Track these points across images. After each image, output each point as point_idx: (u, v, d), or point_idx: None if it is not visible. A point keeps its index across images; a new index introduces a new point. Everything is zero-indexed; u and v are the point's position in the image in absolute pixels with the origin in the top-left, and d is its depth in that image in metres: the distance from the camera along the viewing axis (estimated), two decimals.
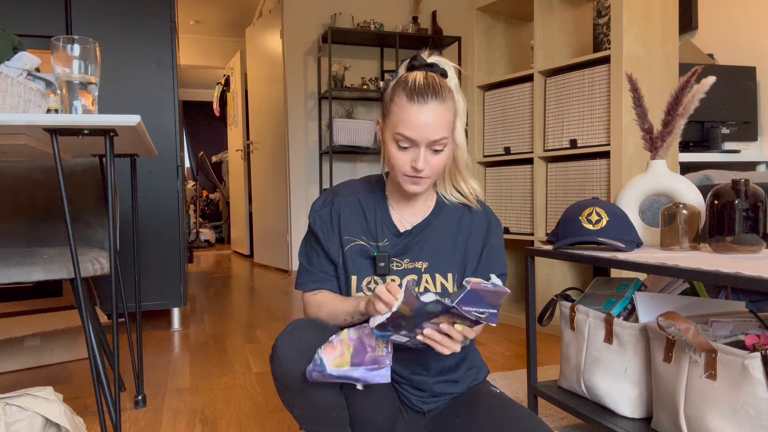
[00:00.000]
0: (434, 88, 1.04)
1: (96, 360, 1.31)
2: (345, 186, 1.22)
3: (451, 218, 1.17)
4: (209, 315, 3.13)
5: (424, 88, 1.03)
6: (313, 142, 4.66)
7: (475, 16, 2.86)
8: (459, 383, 1.19)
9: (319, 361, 0.94)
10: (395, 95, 1.06)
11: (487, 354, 2.27)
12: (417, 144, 1.04)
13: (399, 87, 1.06)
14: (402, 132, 1.04)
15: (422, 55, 1.11)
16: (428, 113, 1.02)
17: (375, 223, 1.16)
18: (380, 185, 1.21)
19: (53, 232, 1.91)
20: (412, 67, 1.09)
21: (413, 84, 1.04)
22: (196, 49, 7.39)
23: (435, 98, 1.03)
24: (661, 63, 2.27)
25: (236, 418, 1.65)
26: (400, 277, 1.12)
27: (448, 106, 1.05)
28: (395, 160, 1.06)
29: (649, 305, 1.30)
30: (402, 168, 1.06)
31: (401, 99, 1.04)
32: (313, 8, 4.56)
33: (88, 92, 1.24)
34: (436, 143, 1.04)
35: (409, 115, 1.03)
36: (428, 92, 1.03)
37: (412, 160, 1.05)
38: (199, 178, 7.92)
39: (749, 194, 1.22)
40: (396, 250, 1.14)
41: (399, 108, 1.05)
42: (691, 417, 1.08)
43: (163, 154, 2.63)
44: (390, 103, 1.07)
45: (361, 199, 1.18)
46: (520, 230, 2.70)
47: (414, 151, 1.05)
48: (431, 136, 1.03)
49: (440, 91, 1.04)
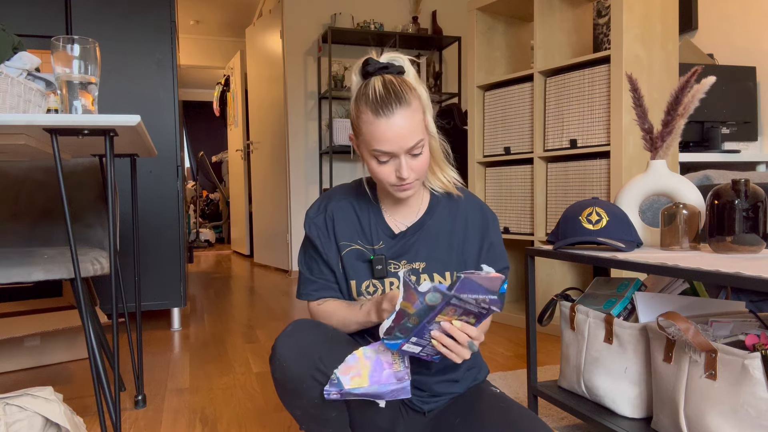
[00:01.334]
0: (396, 94, 1.00)
1: (96, 360, 1.31)
2: (338, 190, 1.21)
3: (446, 216, 1.17)
4: (209, 315, 3.13)
5: (386, 97, 0.99)
6: (313, 142, 4.66)
7: (475, 16, 2.86)
8: (459, 383, 1.19)
9: (336, 380, 0.94)
10: (360, 111, 1.03)
11: (487, 354, 2.27)
12: (396, 155, 1.02)
13: (361, 101, 1.02)
14: (378, 148, 1.01)
15: (373, 56, 1.06)
16: (398, 123, 0.99)
17: (369, 226, 1.16)
18: (372, 188, 1.20)
19: (53, 232, 1.91)
20: (366, 73, 1.05)
21: (374, 95, 1.00)
22: (196, 49, 7.39)
23: (400, 105, 0.99)
24: (661, 63, 2.27)
25: (236, 418, 1.65)
26: (399, 279, 1.12)
27: (414, 107, 1.02)
28: (379, 174, 1.05)
29: (649, 305, 1.30)
30: (388, 179, 1.05)
31: (367, 115, 1.01)
32: (313, 8, 4.56)
33: (88, 92, 1.24)
34: (414, 148, 1.03)
35: (380, 131, 1.00)
36: (391, 101, 0.99)
37: (395, 171, 1.04)
38: (199, 178, 7.92)
39: (749, 194, 1.22)
40: (392, 252, 1.14)
41: (368, 125, 1.01)
42: (691, 417, 1.08)
43: (163, 154, 2.63)
44: (357, 120, 1.04)
45: (354, 203, 1.17)
46: (520, 230, 2.70)
47: (395, 161, 1.03)
48: (407, 144, 1.01)
49: (402, 95, 1.00)
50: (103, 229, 1.89)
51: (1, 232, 1.87)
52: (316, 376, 0.99)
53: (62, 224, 1.91)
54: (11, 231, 1.88)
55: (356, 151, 1.11)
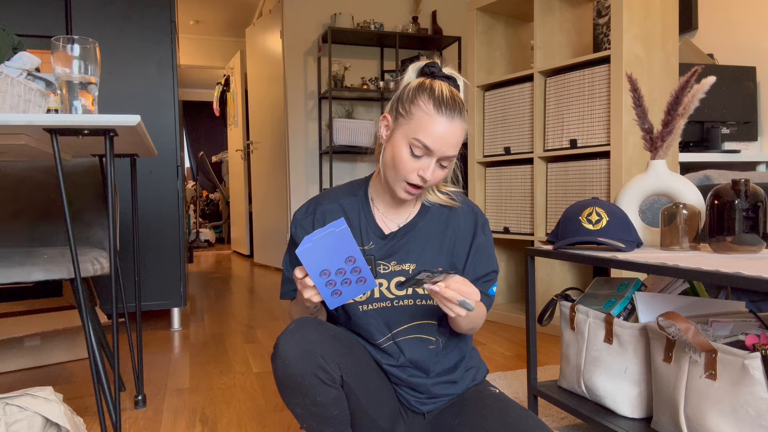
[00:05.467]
0: (459, 105, 1.04)
1: (96, 360, 1.31)
2: (327, 194, 1.20)
3: (438, 218, 1.16)
4: (209, 315, 3.13)
5: (452, 103, 1.02)
6: (313, 142, 4.66)
7: (475, 16, 2.86)
8: (457, 384, 1.18)
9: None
10: (419, 99, 1.03)
11: (487, 354, 2.27)
12: (431, 155, 1.03)
13: (424, 92, 1.04)
14: (422, 139, 1.02)
15: (436, 61, 1.09)
16: (453, 129, 1.02)
17: (359, 226, 1.15)
18: (363, 188, 1.19)
19: (53, 232, 1.91)
20: (431, 74, 1.07)
21: (441, 95, 1.02)
22: (196, 49, 7.39)
23: (460, 116, 1.03)
24: (661, 63, 2.27)
25: (236, 418, 1.65)
26: (388, 280, 1.12)
27: (465, 125, 1.05)
28: (403, 165, 1.04)
29: (649, 305, 1.30)
30: (408, 175, 1.04)
31: (427, 106, 1.02)
32: (313, 8, 4.56)
33: (88, 92, 1.24)
34: (449, 159, 1.04)
35: (434, 126, 1.01)
36: (455, 108, 1.02)
37: (420, 169, 1.04)
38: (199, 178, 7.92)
39: (749, 194, 1.22)
40: (382, 253, 1.13)
41: (424, 114, 1.02)
42: (691, 417, 1.08)
43: (163, 154, 2.63)
44: (411, 105, 1.04)
45: (344, 205, 1.17)
46: (520, 230, 2.70)
47: (426, 160, 1.04)
48: (448, 151, 1.03)
49: (462, 109, 1.04)
50: (103, 229, 1.89)
51: (1, 232, 1.87)
52: (318, 374, 0.99)
53: (62, 224, 1.92)
54: (11, 231, 1.88)
55: (381, 133, 1.10)
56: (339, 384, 1.04)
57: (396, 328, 1.14)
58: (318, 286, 0.96)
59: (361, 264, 0.96)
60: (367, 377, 1.10)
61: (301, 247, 0.91)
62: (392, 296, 1.12)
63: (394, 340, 1.14)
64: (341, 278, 0.96)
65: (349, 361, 1.06)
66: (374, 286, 1.00)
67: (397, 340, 1.14)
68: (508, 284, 3.04)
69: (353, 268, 0.96)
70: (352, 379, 1.06)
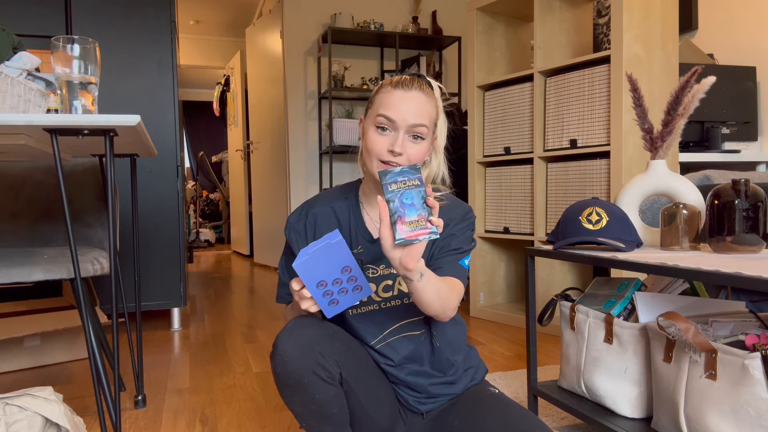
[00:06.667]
0: (419, 83, 1.08)
1: (96, 360, 1.31)
2: (320, 197, 1.21)
3: None
4: (209, 315, 3.13)
5: (409, 80, 1.08)
6: (313, 142, 4.66)
7: (475, 16, 2.86)
8: (456, 384, 1.18)
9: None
10: (380, 89, 1.10)
11: (487, 354, 2.27)
12: (397, 127, 1.05)
13: (385, 83, 1.11)
14: (383, 113, 1.05)
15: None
16: (411, 99, 1.06)
17: (349, 230, 1.15)
18: (354, 191, 1.19)
19: (53, 232, 1.91)
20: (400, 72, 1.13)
21: (399, 78, 1.09)
22: (196, 49, 7.39)
23: (419, 89, 1.07)
24: (661, 63, 2.27)
25: (236, 418, 1.65)
26: (377, 284, 1.12)
27: (430, 101, 1.08)
28: (373, 144, 1.06)
29: (649, 305, 1.30)
30: (379, 152, 1.05)
31: (386, 88, 1.09)
32: (313, 8, 4.56)
33: (88, 92, 1.24)
34: (416, 128, 1.05)
35: (391, 99, 1.06)
36: (413, 83, 1.07)
37: (390, 144, 1.05)
38: (199, 178, 7.92)
39: (749, 194, 1.22)
40: (370, 257, 1.13)
41: (382, 95, 1.08)
42: (691, 417, 1.08)
43: (163, 154, 2.63)
44: (374, 96, 1.11)
45: (336, 208, 1.17)
46: (520, 230, 2.70)
47: (393, 135, 1.05)
48: (410, 119, 1.05)
49: (424, 88, 1.08)
50: (103, 229, 1.89)
51: (1, 232, 1.87)
52: (317, 371, 0.99)
53: (62, 224, 1.91)
54: (11, 231, 1.88)
55: (359, 135, 1.13)
56: (338, 382, 1.04)
57: (387, 329, 1.14)
58: (315, 297, 0.96)
59: (357, 273, 0.96)
60: (367, 376, 1.10)
61: (297, 260, 0.91)
62: (379, 299, 1.13)
63: (387, 341, 1.14)
64: (338, 288, 0.97)
65: (348, 360, 1.06)
66: (370, 292, 1.00)
67: (390, 341, 1.14)
68: (508, 284, 3.04)
69: (349, 277, 0.96)
70: (351, 378, 1.06)
